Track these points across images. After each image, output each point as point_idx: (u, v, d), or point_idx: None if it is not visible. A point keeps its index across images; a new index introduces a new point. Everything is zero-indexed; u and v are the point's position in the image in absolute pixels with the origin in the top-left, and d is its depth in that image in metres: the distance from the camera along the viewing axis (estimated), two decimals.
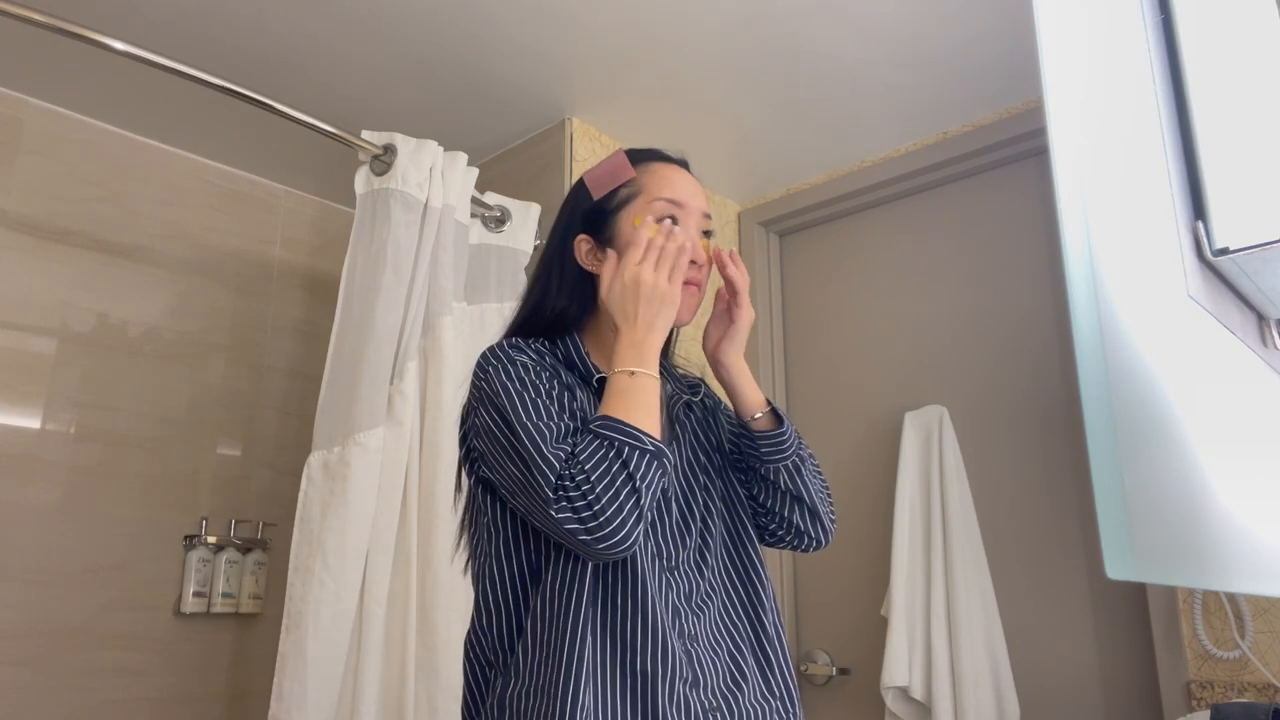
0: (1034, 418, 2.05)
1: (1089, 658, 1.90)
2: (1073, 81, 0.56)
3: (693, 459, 1.12)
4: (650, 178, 1.11)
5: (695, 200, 1.10)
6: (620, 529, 0.88)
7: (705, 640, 1.01)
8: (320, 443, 1.70)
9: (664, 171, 1.12)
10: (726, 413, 1.23)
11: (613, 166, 1.11)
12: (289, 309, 2.54)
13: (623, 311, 1.01)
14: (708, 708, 0.96)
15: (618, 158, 1.11)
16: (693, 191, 1.11)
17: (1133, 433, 0.49)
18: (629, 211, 1.09)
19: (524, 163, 2.32)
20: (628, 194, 1.10)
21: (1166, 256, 0.63)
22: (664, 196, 1.08)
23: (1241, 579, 0.64)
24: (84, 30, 1.47)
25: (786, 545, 1.17)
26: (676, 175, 1.12)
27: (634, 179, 1.10)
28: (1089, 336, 0.47)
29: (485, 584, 1.03)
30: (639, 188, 1.10)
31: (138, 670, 2.09)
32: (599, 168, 1.12)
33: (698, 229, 1.10)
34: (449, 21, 1.86)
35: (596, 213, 1.11)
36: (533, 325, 1.12)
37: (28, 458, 2.01)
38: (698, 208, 1.10)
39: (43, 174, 2.12)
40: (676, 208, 1.08)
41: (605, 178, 1.11)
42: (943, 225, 2.32)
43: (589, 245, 1.11)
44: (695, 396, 1.17)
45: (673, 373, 1.19)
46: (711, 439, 1.16)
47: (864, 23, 1.86)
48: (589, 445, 0.91)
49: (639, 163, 1.12)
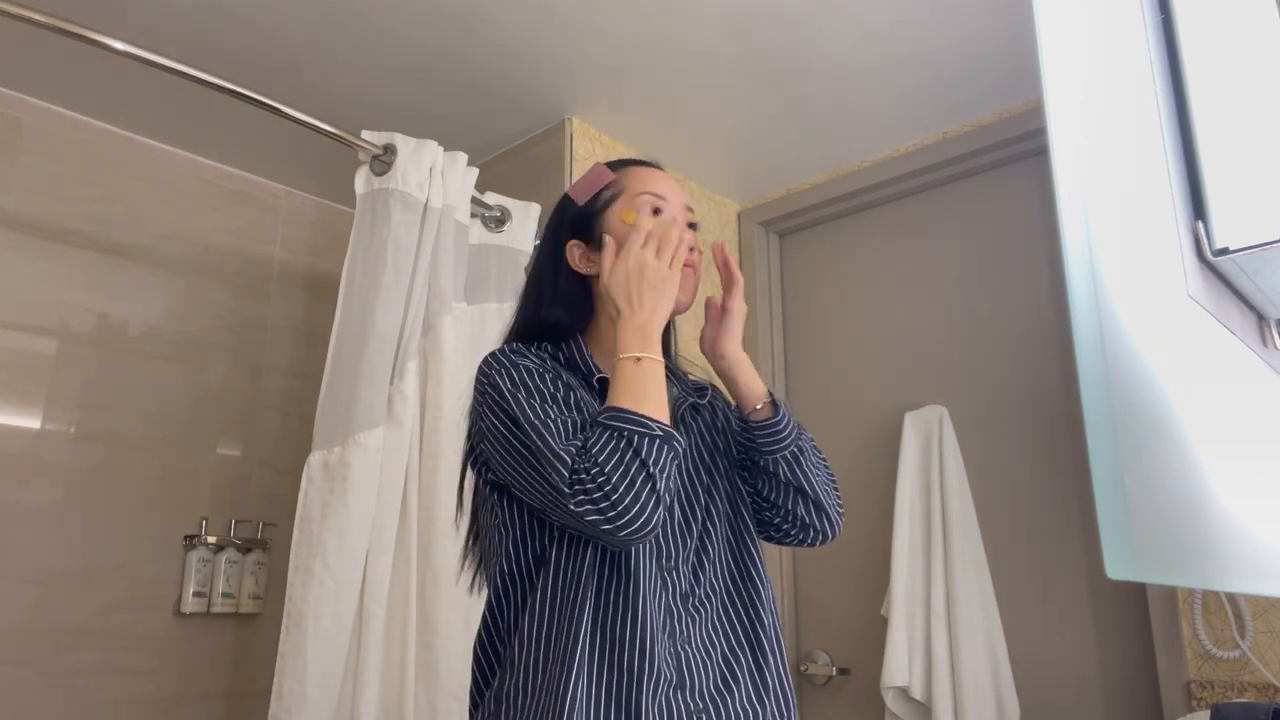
0: (1034, 418, 2.05)
1: (1089, 658, 1.90)
2: (1073, 81, 0.56)
3: (697, 460, 1.12)
4: (630, 178, 1.16)
5: (675, 194, 1.15)
6: (641, 514, 0.90)
7: (698, 641, 1.01)
8: (320, 443, 1.70)
9: (642, 172, 1.17)
10: (728, 409, 1.23)
11: (593, 176, 1.16)
12: (289, 309, 2.54)
13: (625, 295, 1.03)
14: (693, 710, 0.96)
15: (596, 168, 1.17)
16: (672, 186, 1.16)
17: (1133, 433, 0.49)
18: (615, 209, 1.13)
19: (524, 163, 2.32)
20: (611, 195, 1.15)
21: (1166, 256, 0.63)
22: (647, 190, 1.13)
23: (1241, 579, 0.64)
24: (84, 30, 1.47)
25: (793, 540, 1.17)
26: (654, 174, 1.17)
27: (615, 181, 1.15)
28: (1089, 336, 0.47)
29: (497, 583, 1.04)
30: (621, 187, 1.15)
31: (138, 670, 2.09)
32: (579, 181, 1.17)
33: (683, 219, 1.14)
34: (449, 21, 1.86)
35: (584, 217, 1.15)
36: (529, 334, 1.14)
37: (28, 458, 2.01)
38: (679, 201, 1.15)
39: (43, 174, 2.12)
40: (660, 200, 1.13)
41: (587, 186, 1.16)
42: (943, 225, 2.32)
43: (581, 250, 1.14)
44: (703, 399, 1.17)
45: (679, 375, 1.20)
46: (719, 442, 1.16)
47: (864, 23, 1.86)
48: (600, 437, 0.93)
49: (616, 169, 1.18)
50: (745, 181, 2.56)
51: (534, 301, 1.16)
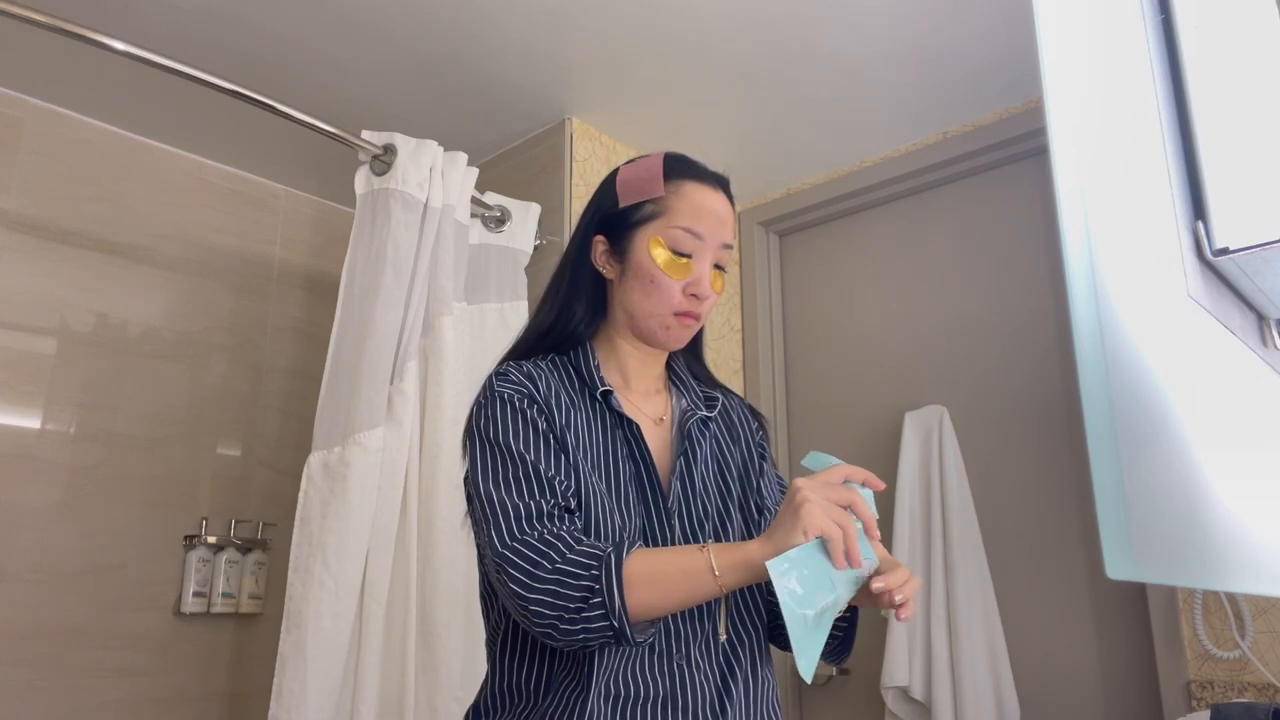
0: (1034, 418, 2.05)
1: (1089, 658, 1.90)
2: (1073, 81, 0.56)
3: (706, 476, 1.07)
4: (678, 200, 1.06)
5: (715, 233, 1.06)
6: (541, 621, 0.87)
7: (696, 660, 0.98)
8: (320, 443, 1.70)
9: (694, 196, 1.07)
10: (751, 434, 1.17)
11: (646, 176, 1.07)
12: (289, 309, 2.54)
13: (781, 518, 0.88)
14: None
15: (654, 168, 1.08)
16: (715, 223, 1.07)
17: (1133, 432, 0.49)
18: (647, 231, 1.06)
19: (524, 163, 2.32)
20: (652, 211, 1.06)
21: (1166, 256, 0.63)
22: (683, 226, 1.05)
23: (1241, 579, 0.64)
24: (84, 30, 1.47)
25: None
26: (705, 202, 1.07)
27: (662, 198, 1.07)
28: (1089, 336, 0.47)
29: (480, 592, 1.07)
30: (664, 208, 1.06)
31: (138, 670, 2.09)
32: (634, 169, 1.10)
33: (712, 260, 1.07)
34: (449, 21, 1.86)
35: (617, 219, 1.09)
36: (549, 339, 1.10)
37: (28, 458, 2.01)
38: (716, 241, 1.06)
39: (43, 174, 2.12)
40: (695, 240, 1.05)
41: (636, 185, 1.08)
42: (943, 225, 2.32)
43: (604, 248, 1.10)
44: (713, 411, 1.13)
45: (689, 385, 1.15)
46: (730, 458, 1.12)
47: (864, 22, 1.86)
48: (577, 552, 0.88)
49: (674, 178, 1.08)
50: (745, 182, 2.56)
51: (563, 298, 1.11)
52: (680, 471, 1.04)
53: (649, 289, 1.05)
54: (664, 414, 1.11)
